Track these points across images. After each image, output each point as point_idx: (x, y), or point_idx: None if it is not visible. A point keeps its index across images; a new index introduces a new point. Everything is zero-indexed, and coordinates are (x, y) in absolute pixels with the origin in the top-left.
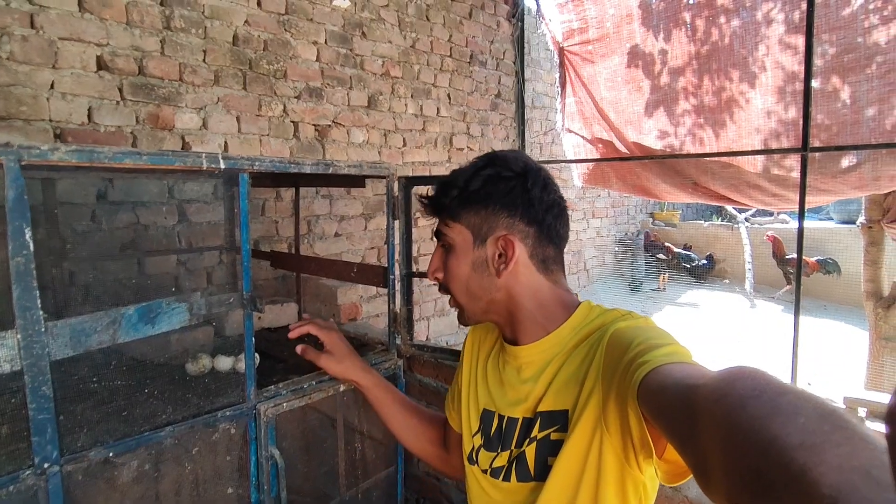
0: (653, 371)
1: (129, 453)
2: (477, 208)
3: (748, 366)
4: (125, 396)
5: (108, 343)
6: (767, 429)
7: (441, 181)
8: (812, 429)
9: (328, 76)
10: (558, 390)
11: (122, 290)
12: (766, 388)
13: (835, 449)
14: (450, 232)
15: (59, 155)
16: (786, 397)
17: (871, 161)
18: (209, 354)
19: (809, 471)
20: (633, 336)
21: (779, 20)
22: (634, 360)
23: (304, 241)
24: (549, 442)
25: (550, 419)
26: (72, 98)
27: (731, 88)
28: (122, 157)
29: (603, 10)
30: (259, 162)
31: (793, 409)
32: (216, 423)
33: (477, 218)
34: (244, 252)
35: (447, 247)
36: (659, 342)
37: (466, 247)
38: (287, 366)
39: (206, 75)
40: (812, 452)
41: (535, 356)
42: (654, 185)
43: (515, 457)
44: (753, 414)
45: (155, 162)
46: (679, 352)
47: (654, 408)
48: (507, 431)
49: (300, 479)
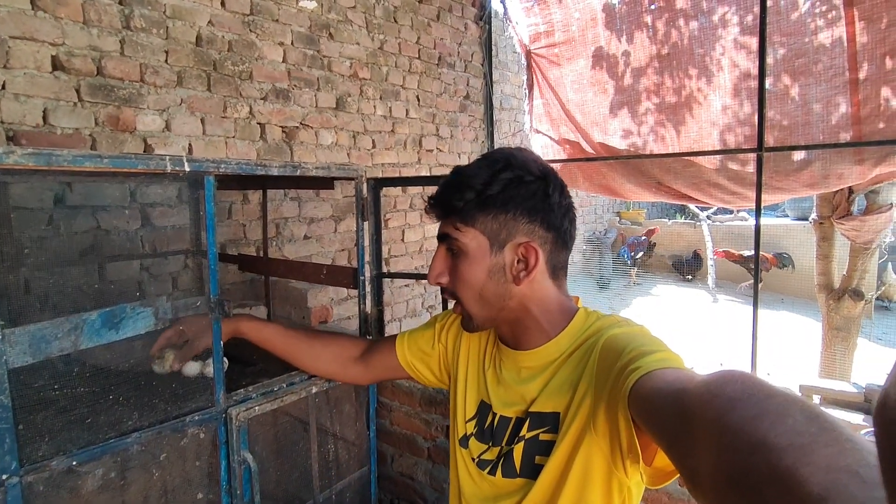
0: (644, 376)
1: (93, 461)
2: (495, 213)
3: (737, 370)
4: (89, 403)
5: (70, 350)
6: (756, 430)
7: (451, 182)
8: (800, 430)
9: (295, 77)
10: (551, 393)
11: (82, 297)
12: (755, 391)
13: (823, 449)
14: (462, 237)
15: (15, 158)
16: (774, 400)
17: (821, 160)
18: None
19: (797, 471)
20: (626, 343)
21: (733, 22)
22: (627, 366)
23: (272, 244)
24: (537, 442)
25: (540, 420)
26: (25, 99)
27: (691, 86)
28: (83, 161)
29: (568, 13)
30: (225, 164)
31: (781, 412)
32: (184, 428)
33: (495, 223)
34: (211, 255)
35: (456, 251)
36: (651, 349)
37: (482, 253)
38: (257, 369)
39: (168, 76)
40: (800, 453)
41: (536, 361)
42: (620, 185)
43: (504, 453)
44: (742, 416)
45: (117, 165)
46: (670, 358)
47: (643, 412)
48: (499, 429)
49: (273, 482)
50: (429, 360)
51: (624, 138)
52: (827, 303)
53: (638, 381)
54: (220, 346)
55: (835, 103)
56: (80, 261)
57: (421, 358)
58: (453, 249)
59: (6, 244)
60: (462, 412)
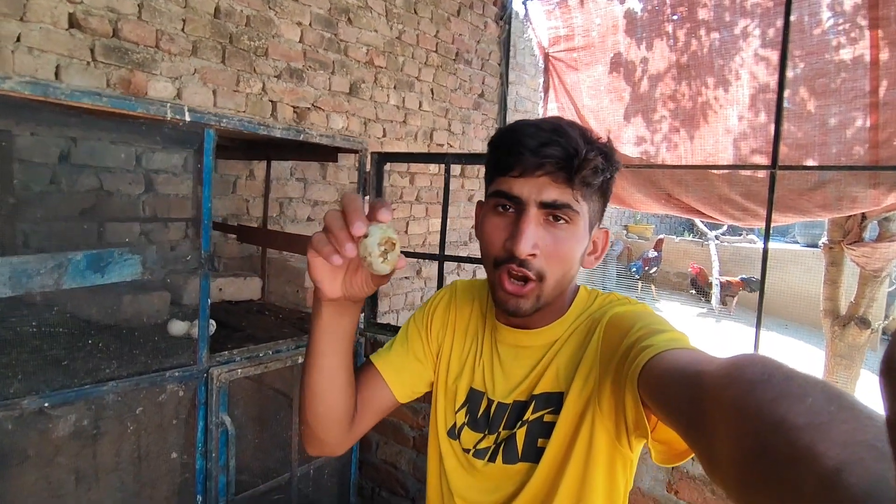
0: (656, 356)
1: (66, 405)
2: (600, 197)
3: (756, 353)
4: (66, 346)
5: (52, 288)
6: (775, 411)
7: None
8: (819, 409)
9: (310, 59)
10: (557, 373)
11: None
12: (775, 373)
13: (841, 426)
14: (581, 210)
15: (11, 85)
16: (794, 381)
17: (835, 182)
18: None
19: (814, 446)
20: (633, 321)
21: (755, 35)
22: (635, 344)
23: (275, 223)
24: (541, 423)
25: (546, 401)
26: (39, 53)
27: (708, 97)
28: (81, 96)
29: (589, 18)
30: (227, 119)
31: (800, 392)
32: (164, 384)
33: (597, 205)
34: (205, 210)
35: (563, 223)
36: (660, 328)
37: (584, 232)
38: (245, 335)
39: (183, 44)
40: (818, 431)
41: (539, 341)
42: (629, 195)
43: (504, 438)
44: (761, 397)
45: (116, 105)
46: (680, 338)
47: (656, 392)
48: (496, 416)
49: (250, 450)
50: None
51: (637, 146)
52: (832, 329)
53: (650, 360)
54: (207, 303)
55: (853, 125)
56: (81, 219)
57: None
58: (559, 219)
59: (6, 195)
60: (452, 401)
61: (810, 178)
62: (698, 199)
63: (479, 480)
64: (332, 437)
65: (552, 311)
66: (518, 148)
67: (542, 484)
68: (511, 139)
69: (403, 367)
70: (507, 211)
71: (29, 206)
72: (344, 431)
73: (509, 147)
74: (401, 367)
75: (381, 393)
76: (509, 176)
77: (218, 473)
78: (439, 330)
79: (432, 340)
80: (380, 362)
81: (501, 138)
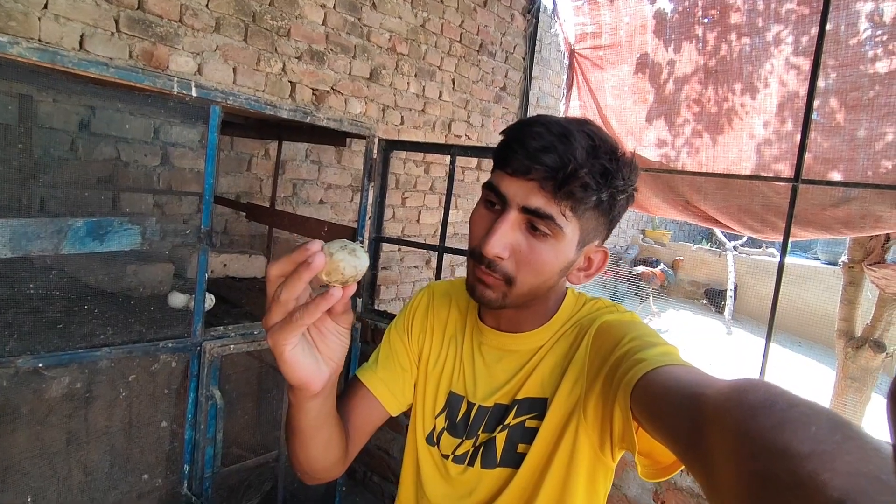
0: (651, 372)
1: (60, 367)
2: (601, 216)
3: (758, 378)
4: (63, 309)
5: (52, 251)
6: (778, 438)
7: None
8: (823, 438)
9: (332, 42)
10: (542, 378)
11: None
12: (778, 400)
13: (845, 456)
14: (566, 226)
15: (19, 50)
16: (798, 409)
17: (860, 199)
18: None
19: (818, 476)
20: (623, 331)
21: (787, 42)
22: (626, 356)
23: (287, 204)
24: (522, 429)
25: (529, 406)
26: (65, 21)
27: (734, 103)
28: (88, 65)
29: (618, 17)
30: (234, 97)
31: (804, 420)
32: (157, 353)
33: (593, 223)
34: (207, 186)
35: (540, 233)
36: (651, 340)
37: (570, 248)
38: (243, 312)
39: (206, 20)
40: (822, 460)
41: (524, 345)
42: (647, 199)
43: (483, 442)
44: (765, 424)
45: (122, 76)
46: (672, 352)
47: (652, 410)
48: (475, 420)
49: (240, 426)
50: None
51: (657, 149)
52: (845, 350)
53: (644, 376)
54: (205, 277)
55: (883, 140)
56: (97, 187)
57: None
58: (538, 230)
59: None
60: (431, 406)
61: (834, 194)
62: (717, 208)
63: (456, 487)
64: (331, 474)
65: (537, 315)
66: (518, 146)
67: (521, 490)
68: (517, 134)
69: (391, 380)
70: (494, 207)
71: (47, 170)
72: (340, 464)
73: (512, 142)
74: (389, 380)
75: (374, 411)
76: (504, 171)
77: (206, 445)
78: (419, 334)
79: (413, 346)
80: (367, 378)
81: (511, 130)
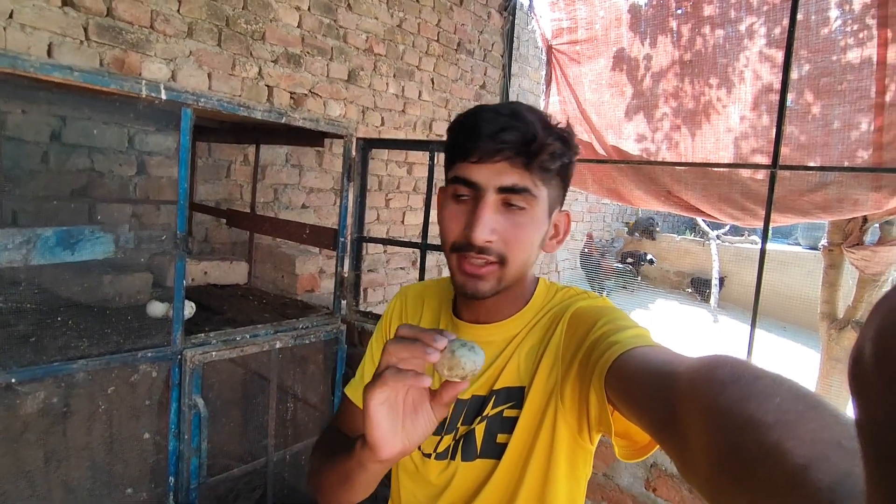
0: (624, 354)
1: (34, 382)
2: (560, 181)
3: (726, 354)
4: (35, 322)
5: (21, 263)
6: (744, 410)
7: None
8: (786, 408)
9: (308, 44)
10: (518, 367)
11: None
12: (744, 374)
13: (808, 424)
14: (538, 194)
15: None
16: (762, 381)
17: (837, 183)
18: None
19: (782, 443)
20: (596, 316)
21: (760, 34)
22: (600, 339)
23: (269, 209)
24: (500, 419)
25: (507, 396)
26: (31, 31)
27: (710, 95)
28: (51, 70)
29: (593, 11)
30: (205, 99)
31: (769, 392)
32: (136, 364)
33: (557, 190)
34: (181, 191)
35: (520, 209)
36: (624, 323)
37: (544, 216)
38: (224, 318)
39: (179, 26)
40: (786, 429)
41: (498, 336)
42: (629, 191)
43: (462, 435)
44: (731, 397)
45: (87, 80)
46: (644, 334)
47: (626, 391)
48: (454, 414)
49: (225, 434)
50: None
51: (637, 142)
52: (828, 332)
53: (618, 358)
54: (183, 284)
55: (857, 127)
56: (71, 199)
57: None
58: (514, 205)
59: None
60: None
61: (811, 179)
62: (698, 198)
63: (436, 484)
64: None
65: (511, 302)
66: (476, 133)
67: (505, 480)
68: (469, 124)
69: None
70: (465, 199)
71: (18, 183)
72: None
73: (468, 132)
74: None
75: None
76: (468, 162)
77: (191, 455)
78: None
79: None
80: (354, 393)
81: (460, 124)
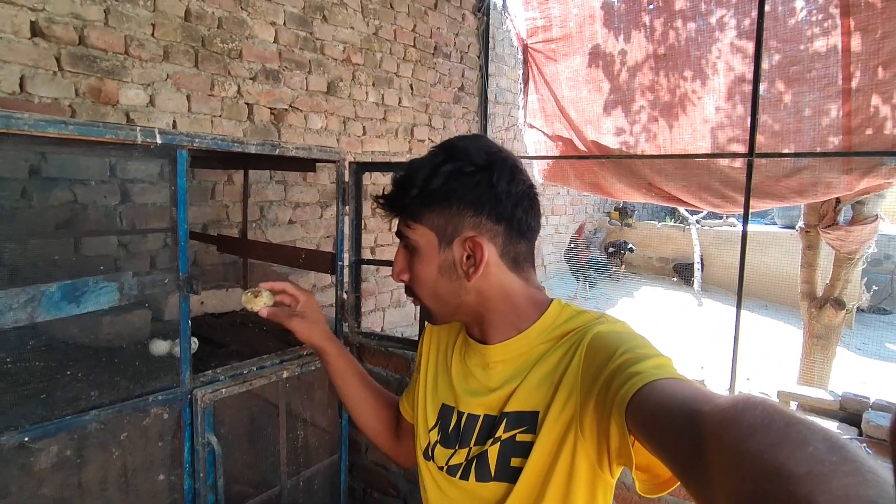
0: (646, 387)
1: (47, 438)
2: (440, 208)
3: (756, 395)
4: (45, 378)
5: (26, 322)
6: (776, 457)
7: (397, 179)
8: (820, 458)
9: (286, 59)
10: (529, 391)
11: (54, 272)
12: (776, 419)
13: (842, 479)
14: (412, 234)
15: None
16: (795, 428)
17: (811, 168)
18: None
19: (814, 498)
20: (617, 343)
21: (731, 26)
22: (621, 369)
23: (256, 228)
24: (514, 443)
25: (518, 420)
26: (1, 64)
27: (686, 88)
28: (46, 126)
29: (567, 9)
30: (199, 139)
31: (802, 440)
32: (147, 408)
33: (441, 218)
34: (181, 232)
35: (410, 248)
36: (645, 352)
37: (431, 250)
38: (228, 351)
39: (154, 50)
40: (819, 481)
41: (505, 355)
42: (611, 185)
43: (475, 455)
44: (762, 442)
45: (83, 133)
46: (666, 364)
47: (649, 426)
48: (466, 428)
49: (239, 466)
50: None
51: (616, 136)
52: (809, 311)
53: (639, 390)
54: (188, 324)
55: (826, 112)
56: (55, 234)
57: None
58: (408, 247)
59: None
60: (424, 421)
61: (786, 165)
62: (678, 188)
63: (455, 498)
64: (381, 442)
65: (504, 325)
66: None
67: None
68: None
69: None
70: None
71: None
72: (389, 439)
73: None
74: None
75: (413, 429)
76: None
77: (206, 493)
78: (424, 364)
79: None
80: (401, 402)
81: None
